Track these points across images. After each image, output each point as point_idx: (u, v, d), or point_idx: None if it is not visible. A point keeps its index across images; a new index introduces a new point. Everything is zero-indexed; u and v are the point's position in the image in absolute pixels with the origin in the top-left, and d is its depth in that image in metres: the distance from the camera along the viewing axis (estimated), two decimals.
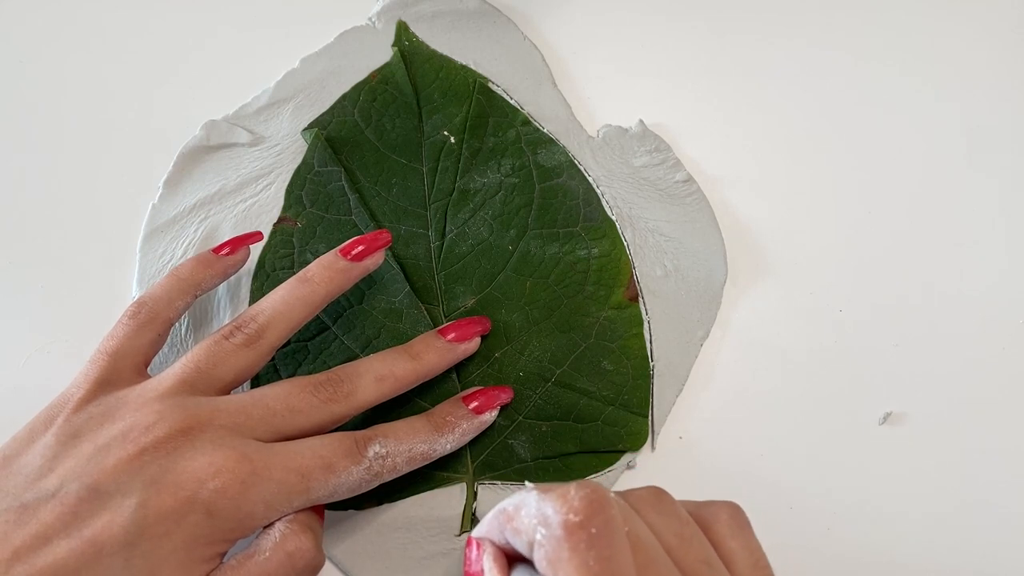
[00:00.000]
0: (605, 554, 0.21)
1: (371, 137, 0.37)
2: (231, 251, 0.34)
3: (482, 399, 0.33)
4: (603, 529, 0.21)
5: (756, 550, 0.26)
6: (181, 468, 0.26)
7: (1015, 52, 0.40)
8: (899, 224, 0.38)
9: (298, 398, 0.29)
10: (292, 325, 0.31)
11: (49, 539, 0.25)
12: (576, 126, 0.38)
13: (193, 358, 0.29)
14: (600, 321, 0.35)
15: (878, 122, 0.39)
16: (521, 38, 0.39)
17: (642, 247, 0.36)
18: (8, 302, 0.36)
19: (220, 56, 0.40)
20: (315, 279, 0.31)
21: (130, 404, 0.28)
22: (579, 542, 0.21)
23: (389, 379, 0.31)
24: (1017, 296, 0.37)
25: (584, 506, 0.21)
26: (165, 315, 0.31)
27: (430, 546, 0.33)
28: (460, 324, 0.34)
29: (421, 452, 0.30)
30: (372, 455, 0.29)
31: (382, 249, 0.33)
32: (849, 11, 0.41)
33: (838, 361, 0.36)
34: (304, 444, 0.28)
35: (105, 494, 0.25)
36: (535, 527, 0.22)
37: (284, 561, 0.27)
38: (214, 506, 0.26)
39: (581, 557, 0.21)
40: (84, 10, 0.40)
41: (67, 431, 0.27)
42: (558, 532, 0.21)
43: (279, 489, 0.27)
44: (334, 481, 0.28)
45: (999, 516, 0.34)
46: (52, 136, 0.39)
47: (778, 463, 0.35)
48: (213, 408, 0.28)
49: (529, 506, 0.22)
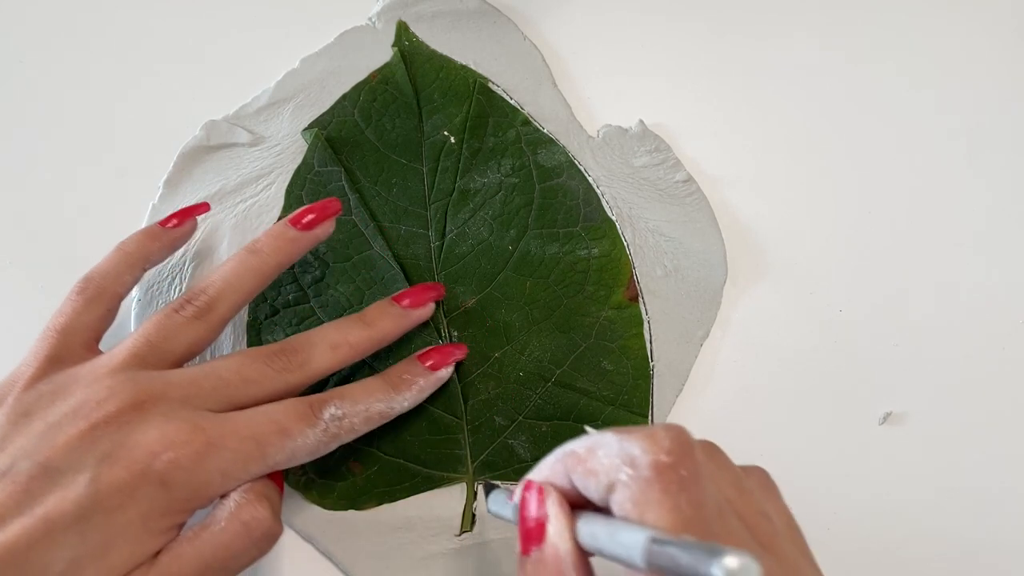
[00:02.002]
0: (697, 498, 0.20)
1: (371, 137, 0.37)
2: (178, 223, 0.33)
3: (436, 357, 0.33)
4: (693, 473, 0.20)
5: (787, 512, 0.25)
6: (134, 442, 0.26)
7: (1015, 52, 0.40)
8: (899, 224, 0.38)
9: (251, 368, 0.29)
10: (242, 296, 0.31)
11: (2, 518, 0.25)
12: (576, 126, 0.38)
13: (143, 332, 0.29)
14: (600, 321, 0.35)
15: (878, 122, 0.39)
16: (521, 38, 0.39)
17: (642, 247, 0.36)
18: (8, 302, 0.36)
19: (220, 56, 0.40)
20: (264, 249, 0.31)
21: (81, 380, 0.28)
22: (670, 483, 0.20)
23: (344, 347, 0.31)
24: (1017, 296, 0.37)
25: (675, 447, 0.20)
26: (113, 289, 0.31)
27: (430, 546, 0.33)
28: (414, 290, 0.34)
29: (378, 411, 0.30)
30: (328, 417, 0.29)
31: (332, 218, 0.32)
32: (849, 11, 0.41)
33: (838, 361, 0.36)
34: (258, 411, 0.28)
35: (57, 471, 0.25)
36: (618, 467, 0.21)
37: (240, 531, 0.27)
38: (168, 477, 0.26)
39: (673, 500, 0.20)
40: (84, 10, 0.40)
41: (17, 409, 0.27)
42: (647, 473, 0.20)
43: (235, 457, 0.27)
44: (290, 445, 0.28)
45: (999, 516, 0.34)
46: (52, 136, 0.39)
47: (778, 463, 0.34)
48: (165, 382, 0.28)
49: (609, 446, 0.21)
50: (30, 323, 0.36)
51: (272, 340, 0.34)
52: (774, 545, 0.22)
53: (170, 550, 0.26)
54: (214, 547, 0.26)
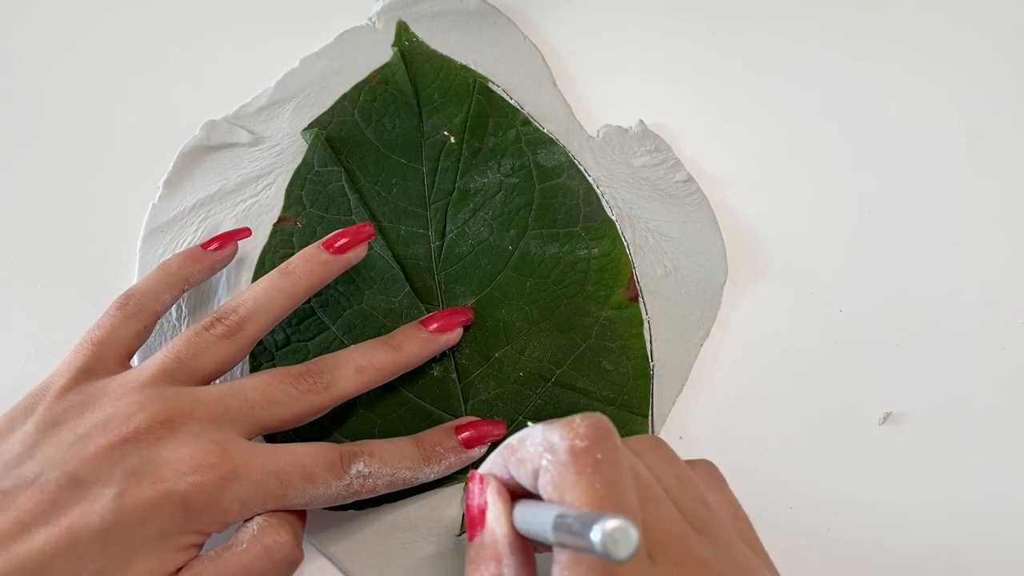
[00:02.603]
0: (611, 479, 0.21)
1: (371, 137, 0.37)
2: (219, 247, 0.34)
3: (473, 432, 0.32)
4: (608, 456, 0.21)
5: (734, 503, 0.26)
6: (162, 459, 0.26)
7: (1015, 52, 0.40)
8: (899, 224, 0.38)
9: (277, 389, 0.29)
10: (273, 317, 0.31)
11: (28, 526, 0.25)
12: (576, 126, 0.38)
13: (173, 349, 0.29)
14: (600, 321, 0.35)
15: (878, 122, 0.39)
16: (521, 38, 0.39)
17: (642, 247, 0.36)
18: (8, 302, 0.36)
19: (220, 56, 0.40)
20: (297, 272, 0.31)
21: (110, 393, 0.28)
22: (585, 466, 0.21)
23: (369, 370, 0.31)
24: (1017, 296, 0.37)
25: (590, 432, 0.22)
26: (152, 308, 0.31)
27: (430, 546, 0.33)
28: (442, 315, 0.33)
29: (403, 478, 0.30)
30: (354, 472, 0.29)
31: (365, 242, 0.32)
32: (849, 11, 0.41)
33: (838, 361, 0.36)
34: (287, 449, 0.28)
35: (84, 482, 0.26)
36: (540, 454, 0.22)
37: (261, 554, 0.27)
38: (190, 499, 0.26)
39: (587, 480, 0.21)
40: (84, 10, 0.40)
41: (47, 419, 0.27)
42: (564, 457, 0.21)
43: (256, 490, 0.27)
44: (311, 492, 0.28)
45: (999, 516, 0.34)
46: (52, 136, 0.39)
47: (778, 463, 0.35)
48: (192, 399, 0.28)
49: (534, 436, 0.23)
50: (30, 323, 0.36)
51: (272, 339, 0.34)
52: (709, 529, 0.24)
53: (191, 568, 0.26)
54: (235, 568, 0.26)
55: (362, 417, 0.33)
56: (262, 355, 0.34)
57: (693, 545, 0.22)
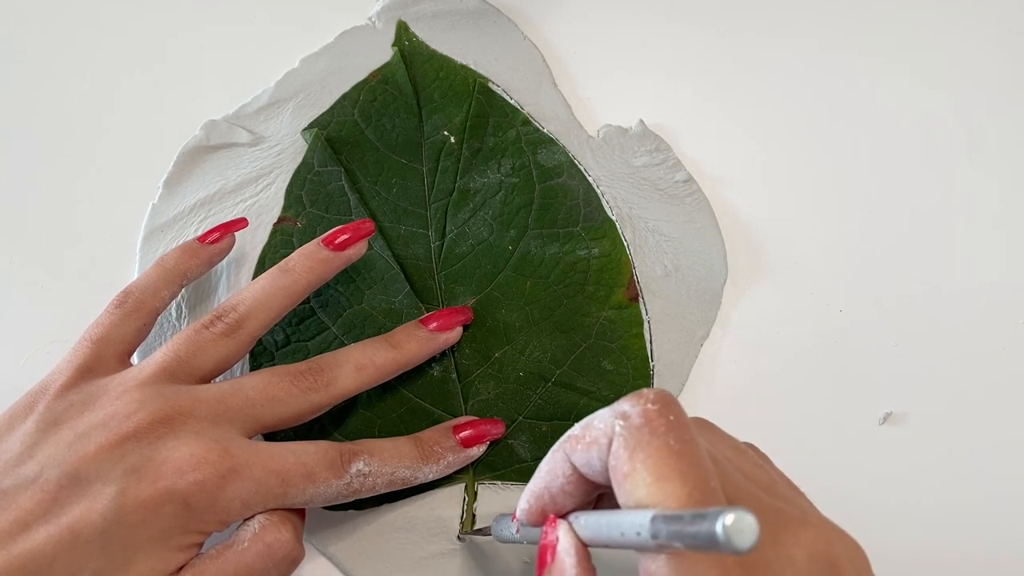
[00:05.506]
0: (685, 437, 0.21)
1: (371, 137, 0.37)
2: (217, 239, 0.34)
3: (472, 431, 0.32)
4: (680, 418, 0.22)
5: (783, 475, 0.26)
6: (162, 458, 0.26)
7: (1016, 52, 0.40)
8: (899, 224, 0.38)
9: (277, 387, 0.29)
10: (273, 315, 0.31)
11: (28, 525, 0.25)
12: (576, 126, 0.38)
13: (173, 347, 0.29)
14: (600, 321, 0.35)
15: (878, 122, 0.39)
16: (521, 38, 0.39)
17: (642, 247, 0.36)
18: (8, 302, 0.36)
19: (220, 56, 0.40)
20: (296, 269, 0.31)
21: (110, 392, 0.28)
22: (659, 426, 0.21)
23: (369, 368, 0.31)
24: (1017, 296, 0.37)
25: (660, 398, 0.22)
26: (151, 304, 0.31)
27: (430, 546, 0.33)
28: (442, 314, 0.33)
29: (402, 477, 0.30)
30: (354, 471, 0.29)
31: (365, 239, 0.32)
32: (849, 11, 0.41)
33: (838, 361, 0.36)
34: (288, 448, 0.28)
35: (84, 481, 0.26)
36: (613, 424, 0.22)
37: (262, 552, 0.27)
38: (191, 498, 0.26)
39: (662, 439, 0.21)
40: (83, 10, 0.40)
41: (47, 418, 0.27)
42: (638, 421, 0.21)
43: (257, 489, 0.27)
44: (312, 490, 0.28)
45: (999, 516, 0.34)
46: (52, 136, 0.39)
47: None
48: (193, 398, 0.28)
49: (602, 415, 0.23)
50: (30, 323, 0.36)
51: (272, 338, 0.34)
52: (774, 491, 0.24)
53: (193, 567, 0.26)
54: (236, 566, 0.26)
55: (362, 417, 0.33)
56: (262, 355, 0.34)
57: (765, 499, 0.23)
